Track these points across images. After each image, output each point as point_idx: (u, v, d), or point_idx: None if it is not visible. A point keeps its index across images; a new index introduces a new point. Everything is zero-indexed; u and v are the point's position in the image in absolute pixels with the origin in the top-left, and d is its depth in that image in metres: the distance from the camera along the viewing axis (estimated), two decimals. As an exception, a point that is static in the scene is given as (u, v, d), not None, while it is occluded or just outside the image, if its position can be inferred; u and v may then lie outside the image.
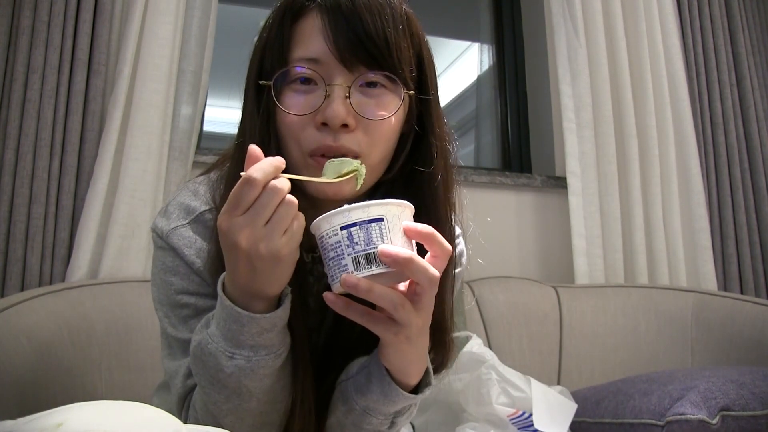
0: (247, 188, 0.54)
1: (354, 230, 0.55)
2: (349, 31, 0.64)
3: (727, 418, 1.00)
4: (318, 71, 0.65)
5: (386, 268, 0.55)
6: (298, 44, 0.67)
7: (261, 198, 0.55)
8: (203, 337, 0.62)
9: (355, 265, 0.56)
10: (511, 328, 1.62)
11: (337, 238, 0.56)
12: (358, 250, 0.55)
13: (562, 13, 1.99)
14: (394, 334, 0.60)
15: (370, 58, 0.64)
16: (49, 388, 1.08)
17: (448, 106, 2.50)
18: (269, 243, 0.55)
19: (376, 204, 0.56)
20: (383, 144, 0.67)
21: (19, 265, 1.37)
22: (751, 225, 2.03)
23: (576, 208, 1.88)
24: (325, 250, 0.57)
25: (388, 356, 0.64)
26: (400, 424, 0.72)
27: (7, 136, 1.40)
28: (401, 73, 0.66)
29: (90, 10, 1.49)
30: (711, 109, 2.10)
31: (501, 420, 1.18)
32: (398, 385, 0.66)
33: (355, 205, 0.56)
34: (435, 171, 0.70)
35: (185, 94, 1.60)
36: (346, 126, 0.64)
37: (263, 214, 0.55)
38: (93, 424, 0.42)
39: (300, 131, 0.65)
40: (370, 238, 0.55)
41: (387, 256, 0.55)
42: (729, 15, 2.22)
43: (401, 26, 0.67)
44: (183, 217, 0.74)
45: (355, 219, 0.55)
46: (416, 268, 0.55)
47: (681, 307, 1.67)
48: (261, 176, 0.54)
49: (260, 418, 0.66)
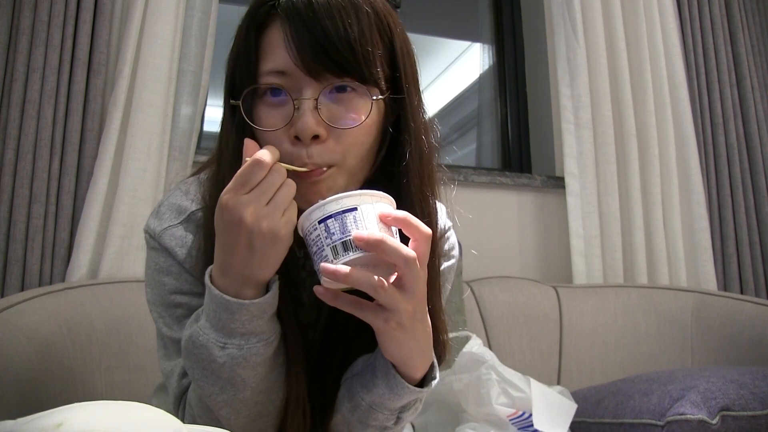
0: (256, 169, 0.58)
1: (330, 222, 0.58)
2: (311, 39, 0.62)
3: (727, 418, 1.00)
4: (285, 84, 0.64)
5: (362, 252, 0.58)
6: (265, 56, 0.66)
7: (267, 178, 0.59)
8: (194, 331, 0.63)
9: (334, 254, 0.58)
10: (511, 328, 1.62)
11: (317, 232, 0.59)
12: (335, 239, 0.58)
13: (561, 14, 1.99)
14: (384, 320, 0.61)
15: (335, 65, 0.63)
16: (49, 388, 1.08)
17: (448, 107, 2.50)
18: (271, 221, 0.58)
19: (348, 195, 0.59)
20: (358, 148, 0.66)
21: (19, 265, 1.37)
22: (751, 225, 2.03)
23: (574, 209, 1.89)
24: (310, 247, 0.60)
25: (386, 346, 0.65)
26: (406, 419, 0.72)
27: (7, 136, 1.40)
28: (369, 77, 0.65)
29: (90, 10, 1.49)
30: (711, 109, 2.10)
31: (501, 420, 1.18)
32: (403, 379, 0.66)
33: (329, 198, 0.59)
34: (408, 167, 0.69)
35: (185, 94, 1.60)
36: (318, 137, 0.64)
37: (268, 193, 0.59)
38: (93, 424, 0.42)
39: (277, 146, 0.64)
40: (345, 227, 0.58)
41: (360, 240, 0.57)
42: (729, 15, 2.22)
43: (367, 24, 0.65)
44: (175, 217, 0.74)
45: (329, 211, 0.58)
46: (388, 248, 0.57)
47: (681, 307, 1.66)
48: (269, 159, 0.59)
49: (256, 409, 0.67)
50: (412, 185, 0.69)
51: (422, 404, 0.74)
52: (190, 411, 0.68)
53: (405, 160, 0.69)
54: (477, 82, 2.38)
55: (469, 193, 1.90)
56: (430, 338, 0.67)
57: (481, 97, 2.37)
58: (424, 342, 0.66)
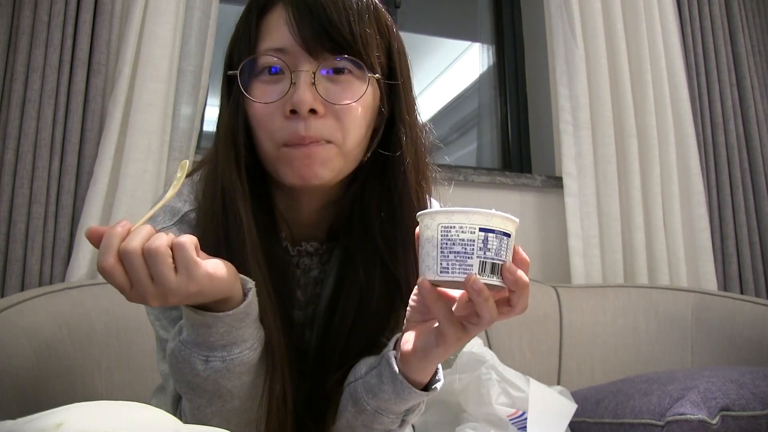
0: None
1: (491, 236, 0.56)
2: (313, 20, 0.65)
3: (727, 418, 1.00)
4: (284, 60, 0.66)
5: (501, 283, 0.57)
6: (265, 36, 0.68)
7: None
8: (176, 345, 0.62)
9: (481, 269, 0.56)
10: (511, 328, 1.62)
11: (472, 236, 0.56)
12: (489, 256, 0.56)
13: (560, 15, 1.99)
14: (457, 339, 0.60)
15: (334, 45, 0.65)
16: (49, 388, 1.08)
17: (448, 106, 2.50)
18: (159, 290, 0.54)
19: (511, 219, 0.57)
20: (356, 129, 0.68)
21: (19, 265, 1.37)
22: (751, 225, 2.03)
23: (572, 209, 1.89)
24: (450, 242, 0.57)
25: (427, 358, 0.63)
26: (410, 421, 0.73)
27: (7, 136, 1.40)
28: (366, 59, 0.67)
29: (90, 10, 1.49)
30: (711, 109, 2.10)
31: (501, 420, 1.18)
32: (410, 384, 0.66)
33: (497, 212, 0.57)
34: (403, 156, 0.71)
35: (185, 94, 1.59)
36: (315, 112, 0.65)
37: (138, 274, 0.55)
38: (93, 424, 0.42)
39: (269, 121, 0.66)
40: (500, 250, 0.57)
41: (512, 274, 0.56)
42: (729, 15, 2.22)
43: (367, 15, 0.68)
44: (169, 218, 0.74)
45: (494, 226, 0.56)
46: (526, 294, 0.58)
47: (681, 307, 1.66)
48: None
49: (246, 416, 0.67)
50: (408, 174, 0.71)
51: (425, 405, 0.74)
52: (185, 418, 0.68)
53: (400, 149, 0.71)
54: (477, 82, 2.38)
55: (469, 193, 1.90)
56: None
57: (481, 97, 2.37)
58: (450, 353, 0.66)
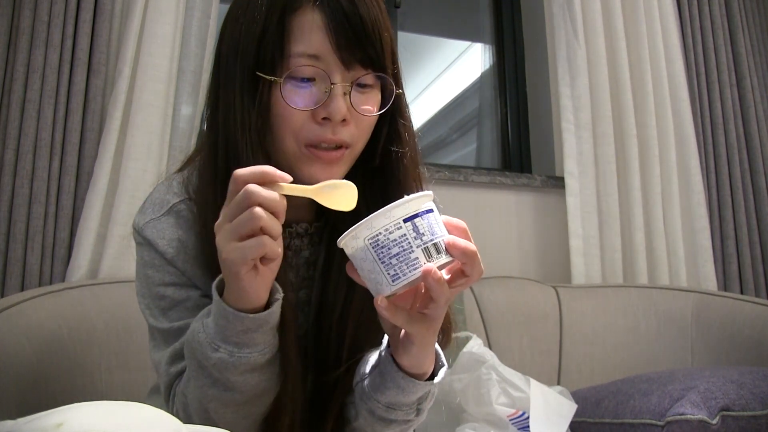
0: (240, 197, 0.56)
1: (418, 221, 0.54)
2: (349, 29, 0.66)
3: (727, 418, 1.00)
4: (319, 68, 0.67)
5: (450, 257, 0.55)
6: (298, 39, 0.67)
7: (236, 198, 0.56)
8: (198, 326, 0.64)
9: (427, 257, 0.54)
10: (511, 328, 1.62)
11: (402, 231, 0.53)
12: (426, 240, 0.54)
13: (562, 15, 1.99)
14: (427, 329, 0.62)
15: (366, 58, 0.68)
16: (49, 388, 1.08)
17: (449, 106, 2.50)
18: (225, 251, 0.57)
19: (425, 194, 0.55)
20: (367, 134, 0.73)
21: (19, 265, 1.37)
22: (751, 225, 2.03)
23: (573, 209, 1.89)
24: (384, 248, 0.54)
25: (411, 352, 0.64)
26: (426, 408, 0.73)
27: (7, 136, 1.40)
28: (389, 74, 0.71)
29: (90, 10, 1.49)
30: (711, 109, 2.10)
31: (501, 420, 1.18)
32: (414, 376, 0.67)
33: (409, 197, 0.54)
34: (405, 149, 0.76)
35: (185, 94, 1.60)
36: (344, 121, 0.68)
37: (232, 218, 0.56)
38: (93, 424, 0.42)
39: (296, 122, 0.68)
40: (433, 228, 0.54)
41: (456, 248, 0.56)
42: (729, 15, 2.22)
43: (387, 18, 0.71)
44: (157, 210, 0.76)
45: (415, 210, 0.54)
46: (477, 261, 0.57)
47: (681, 307, 1.66)
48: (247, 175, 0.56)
49: (245, 408, 0.67)
50: (409, 165, 0.75)
51: (437, 389, 0.74)
52: (181, 398, 0.69)
53: (405, 141, 0.75)
54: (477, 82, 2.38)
55: (469, 193, 1.90)
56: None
57: (482, 97, 2.37)
58: (434, 341, 0.67)
